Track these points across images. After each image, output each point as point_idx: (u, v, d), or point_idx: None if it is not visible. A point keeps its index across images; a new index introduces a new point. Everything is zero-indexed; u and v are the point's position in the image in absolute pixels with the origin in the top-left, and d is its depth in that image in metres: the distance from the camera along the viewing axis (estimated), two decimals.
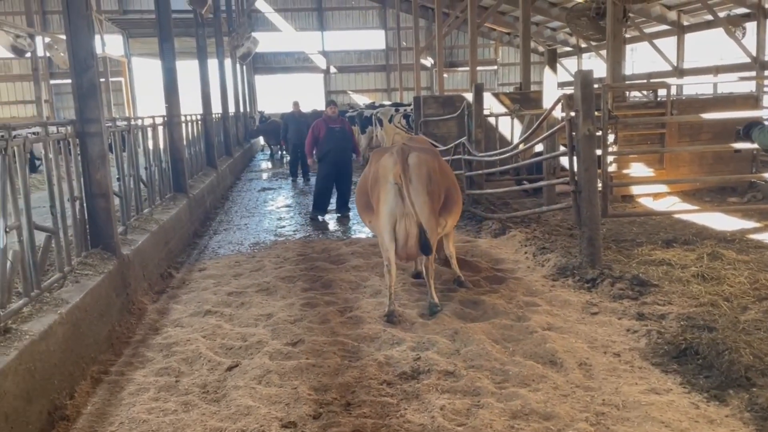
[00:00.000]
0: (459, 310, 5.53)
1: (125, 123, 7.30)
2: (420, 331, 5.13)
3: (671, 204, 9.76)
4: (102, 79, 27.87)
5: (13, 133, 4.12)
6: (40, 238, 4.69)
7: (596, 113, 6.51)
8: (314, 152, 10.36)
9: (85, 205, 5.48)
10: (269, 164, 22.49)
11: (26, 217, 4.31)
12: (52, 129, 5.24)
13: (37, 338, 3.79)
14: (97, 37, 26.12)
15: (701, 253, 6.79)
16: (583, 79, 6.22)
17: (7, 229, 3.98)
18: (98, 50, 25.05)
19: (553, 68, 9.42)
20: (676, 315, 5.07)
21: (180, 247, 8.48)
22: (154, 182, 8.35)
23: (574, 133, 6.37)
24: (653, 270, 6.38)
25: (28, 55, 19.02)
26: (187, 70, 15.45)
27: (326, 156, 10.01)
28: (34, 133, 5.73)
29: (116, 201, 6.75)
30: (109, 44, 28.16)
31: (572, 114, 6.35)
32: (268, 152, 25.67)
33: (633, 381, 4.10)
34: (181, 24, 19.38)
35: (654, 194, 10.10)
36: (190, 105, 13.91)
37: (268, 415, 3.80)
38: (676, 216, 8.76)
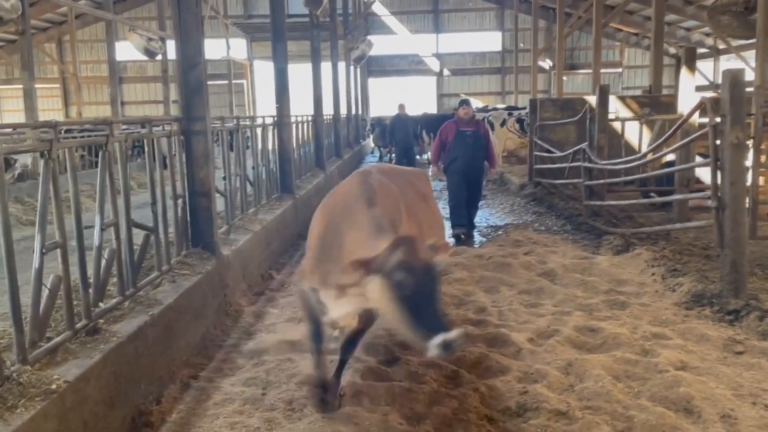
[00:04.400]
0: (574, 337, 4.92)
1: (234, 122, 7.28)
2: (528, 359, 4.59)
3: None
4: (225, 81, 29.43)
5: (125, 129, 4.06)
6: (140, 237, 4.68)
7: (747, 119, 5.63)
8: (439, 160, 9.15)
9: (187, 203, 5.43)
10: None
11: (125, 214, 4.27)
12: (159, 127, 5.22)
13: (125, 340, 3.67)
14: (223, 41, 27.38)
15: None
16: (733, 79, 5.38)
17: (104, 227, 3.92)
18: (223, 53, 26.45)
19: (691, 69, 8.44)
20: None
21: (283, 248, 8.41)
22: (260, 182, 8.33)
23: (718, 142, 5.54)
24: None
25: (159, 57, 20.13)
26: (303, 72, 15.56)
27: (453, 163, 8.84)
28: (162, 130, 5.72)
29: (221, 200, 6.76)
30: (234, 47, 29.41)
31: (717, 120, 5.52)
32: (378, 154, 25.70)
33: None
34: (300, 27, 19.78)
35: None
36: (305, 107, 14.04)
37: None
38: None
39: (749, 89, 5.83)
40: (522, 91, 30.33)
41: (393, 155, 20.12)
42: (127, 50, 23.86)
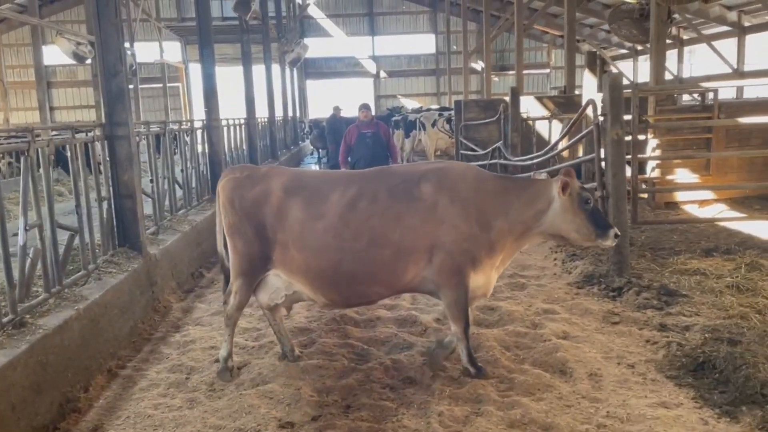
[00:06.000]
0: (475, 315, 5.43)
1: (160, 126, 7.53)
2: (432, 336, 5.09)
3: (718, 212, 9.34)
4: (160, 85, 29.07)
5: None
6: (66, 237, 4.93)
7: (627, 117, 6.31)
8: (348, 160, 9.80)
9: (113, 205, 5.69)
10: (316, 167, 22.76)
11: (49, 216, 4.52)
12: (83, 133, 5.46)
13: (50, 332, 3.95)
14: (156, 44, 27.11)
15: (740, 263, 6.46)
16: (612, 82, 6.04)
17: (28, 228, 4.18)
18: (157, 57, 26.18)
19: (594, 71, 9.19)
20: (702, 327, 4.84)
21: (214, 248, 8.57)
22: (190, 184, 8.58)
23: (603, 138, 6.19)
24: (685, 280, 6.12)
25: (89, 61, 19.83)
26: (241, 75, 15.71)
27: (357, 164, 9.31)
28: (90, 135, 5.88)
29: (149, 202, 7.01)
30: (168, 51, 29.14)
31: (600, 118, 6.18)
32: (317, 156, 26.01)
33: (643, 394, 3.95)
34: (235, 30, 19.91)
35: (700, 201, 9.69)
36: (243, 109, 14.25)
37: (268, 414, 3.85)
38: (723, 224, 8.36)
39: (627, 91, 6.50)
40: (456, 92, 31.16)
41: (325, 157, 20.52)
42: (56, 54, 23.37)
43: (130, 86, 20.74)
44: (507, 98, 12.77)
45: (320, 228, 4.22)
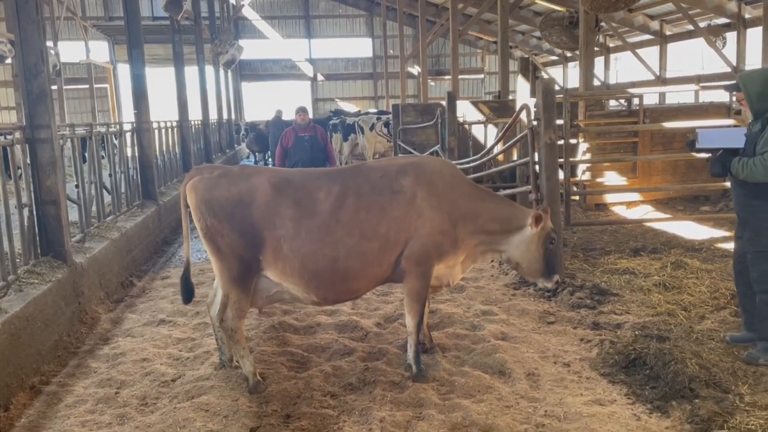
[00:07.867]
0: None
1: (86, 129, 7.20)
2: (373, 341, 5.06)
3: (644, 213, 9.75)
4: (86, 86, 27.90)
5: None
6: None
7: (559, 122, 6.48)
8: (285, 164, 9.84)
9: (34, 212, 5.38)
10: None
11: None
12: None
13: None
14: (82, 44, 26.01)
15: (666, 262, 6.75)
16: (545, 88, 6.19)
17: None
18: (83, 57, 25.12)
19: (526, 77, 9.40)
20: (632, 324, 5.03)
21: (146, 255, 8.37)
22: (119, 189, 8.24)
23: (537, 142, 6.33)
24: (616, 279, 6.34)
25: (9, 60, 18.82)
26: (173, 76, 15.25)
27: (295, 167, 9.00)
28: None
29: (75, 208, 6.69)
30: (95, 51, 28.00)
31: (534, 123, 6.32)
32: (253, 159, 25.58)
33: (578, 392, 4.05)
34: (167, 30, 19.35)
35: (627, 203, 10.09)
36: (173, 112, 13.83)
37: (203, 428, 3.71)
38: (649, 225, 8.73)
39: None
40: (393, 96, 31.37)
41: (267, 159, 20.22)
42: None
43: (54, 87, 19.83)
44: (444, 102, 12.94)
45: (314, 226, 4.14)
